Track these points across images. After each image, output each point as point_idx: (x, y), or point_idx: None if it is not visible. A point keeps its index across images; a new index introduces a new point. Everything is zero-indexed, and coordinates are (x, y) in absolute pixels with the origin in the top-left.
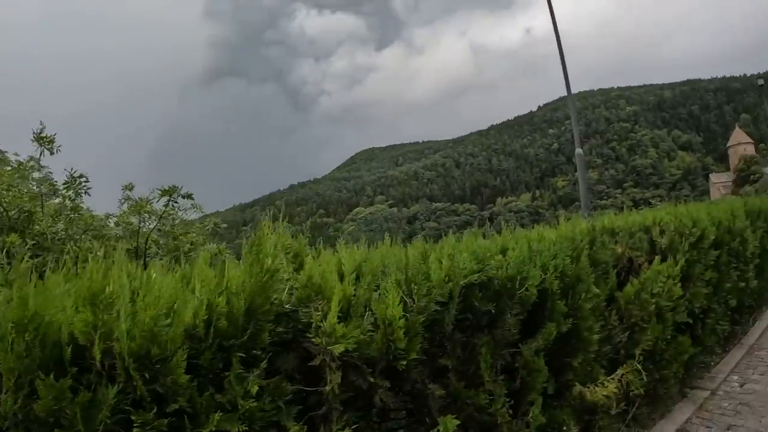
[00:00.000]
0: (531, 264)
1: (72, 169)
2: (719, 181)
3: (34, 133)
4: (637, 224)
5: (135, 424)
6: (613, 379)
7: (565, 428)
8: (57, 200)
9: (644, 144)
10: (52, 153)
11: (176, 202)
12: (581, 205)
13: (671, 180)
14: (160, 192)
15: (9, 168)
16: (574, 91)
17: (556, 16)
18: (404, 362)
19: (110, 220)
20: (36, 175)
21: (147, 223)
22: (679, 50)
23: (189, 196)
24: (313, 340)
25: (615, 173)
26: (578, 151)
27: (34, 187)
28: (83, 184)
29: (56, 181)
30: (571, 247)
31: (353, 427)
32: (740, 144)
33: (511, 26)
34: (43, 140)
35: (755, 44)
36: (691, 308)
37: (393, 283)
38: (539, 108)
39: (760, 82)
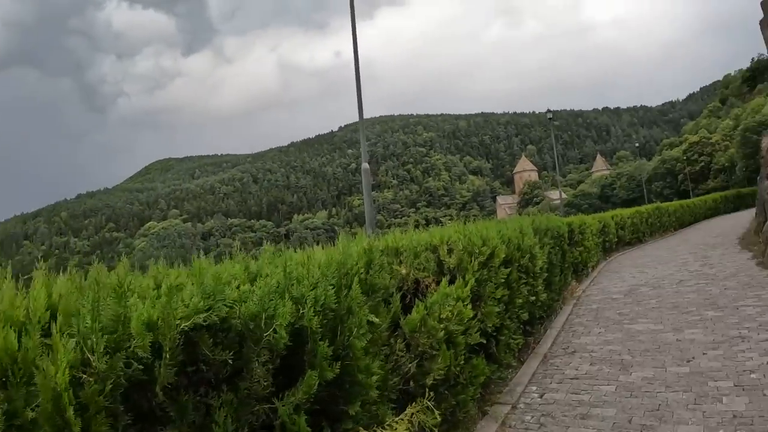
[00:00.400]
0: (281, 297)
1: None
2: (505, 203)
3: None
4: (423, 243)
5: None
6: (402, 419)
7: None
8: None
9: (438, 168)
10: None
11: None
12: (366, 221)
13: (461, 201)
14: None
15: None
16: (376, 114)
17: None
18: None
19: None
20: None
21: None
22: (477, 86)
23: None
24: None
25: (409, 194)
26: (364, 165)
27: None
28: None
29: None
30: (341, 273)
31: None
32: (525, 171)
33: (322, 47)
34: None
35: (542, 87)
36: (484, 328)
37: (62, 335)
38: (340, 128)
39: (550, 115)
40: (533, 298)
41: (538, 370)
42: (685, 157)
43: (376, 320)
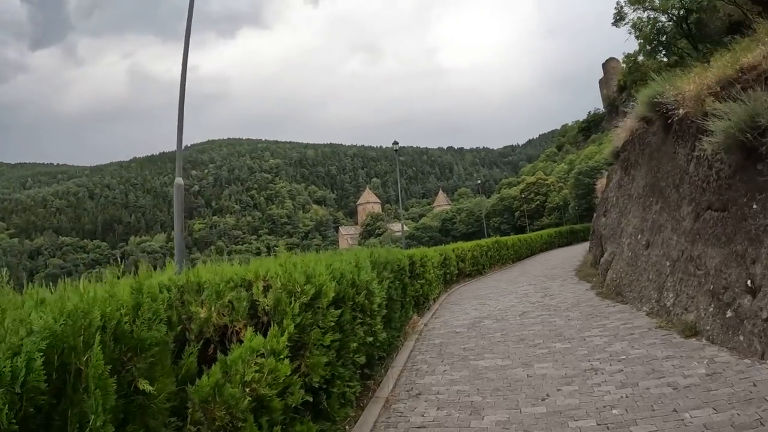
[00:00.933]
0: None
1: None
2: (348, 233)
3: None
4: (236, 278)
5: None
6: None
7: None
8: None
9: (282, 195)
10: None
11: None
12: (175, 248)
13: (304, 230)
14: None
15: None
16: (225, 136)
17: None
18: None
19: None
20: None
21: None
22: (329, 117)
23: None
24: None
25: (252, 220)
26: (178, 180)
27: None
28: None
29: None
30: (75, 328)
31: None
32: (369, 203)
33: (179, 60)
34: None
35: (393, 124)
36: (309, 383)
37: None
38: (186, 147)
39: (396, 147)
40: (371, 338)
41: (380, 419)
42: (522, 196)
43: (150, 388)
